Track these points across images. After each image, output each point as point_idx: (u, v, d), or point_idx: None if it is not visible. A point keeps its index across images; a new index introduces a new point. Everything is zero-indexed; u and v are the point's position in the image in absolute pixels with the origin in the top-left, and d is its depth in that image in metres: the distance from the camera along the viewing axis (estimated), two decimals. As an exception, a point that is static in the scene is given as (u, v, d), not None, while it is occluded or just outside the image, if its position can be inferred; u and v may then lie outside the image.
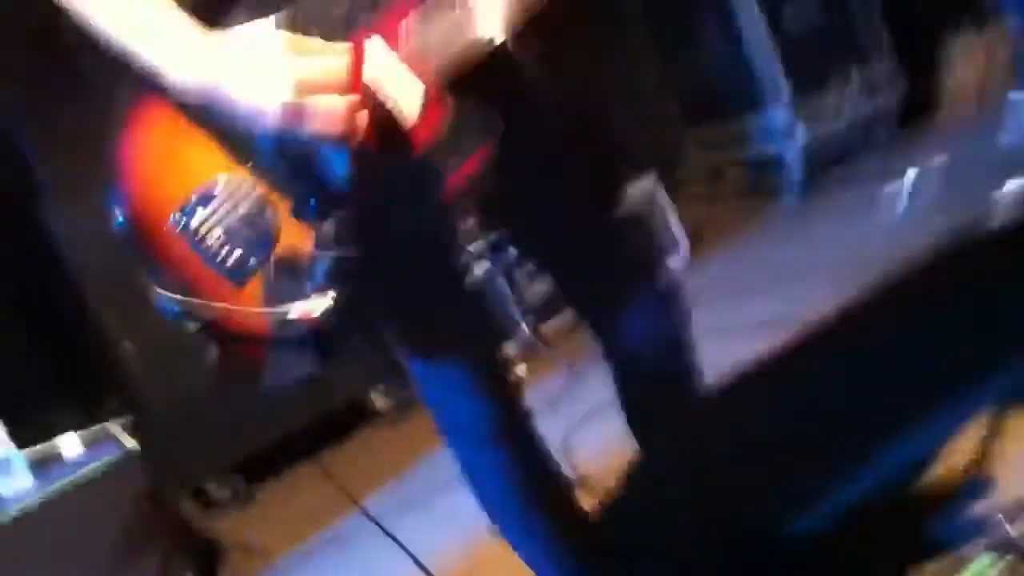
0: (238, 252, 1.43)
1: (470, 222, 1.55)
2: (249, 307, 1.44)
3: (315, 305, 1.42)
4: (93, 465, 2.84)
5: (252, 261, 1.43)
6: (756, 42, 3.99)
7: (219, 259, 1.44)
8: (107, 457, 2.86)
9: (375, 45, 1.33)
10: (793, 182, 4.12)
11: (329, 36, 1.32)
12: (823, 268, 3.18)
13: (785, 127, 4.08)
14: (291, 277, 1.43)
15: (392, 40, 1.33)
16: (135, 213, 1.46)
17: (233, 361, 1.50)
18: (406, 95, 1.33)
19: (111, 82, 1.44)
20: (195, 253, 1.45)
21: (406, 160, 1.35)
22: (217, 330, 1.47)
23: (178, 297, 1.47)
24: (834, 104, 4.09)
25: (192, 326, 1.48)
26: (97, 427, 3.08)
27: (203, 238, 1.44)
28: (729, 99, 4.28)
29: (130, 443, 2.96)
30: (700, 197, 4.54)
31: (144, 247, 1.47)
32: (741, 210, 4.28)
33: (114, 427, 3.10)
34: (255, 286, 1.45)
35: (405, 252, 1.47)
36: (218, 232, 1.43)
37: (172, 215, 1.44)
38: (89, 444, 3.04)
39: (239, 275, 1.44)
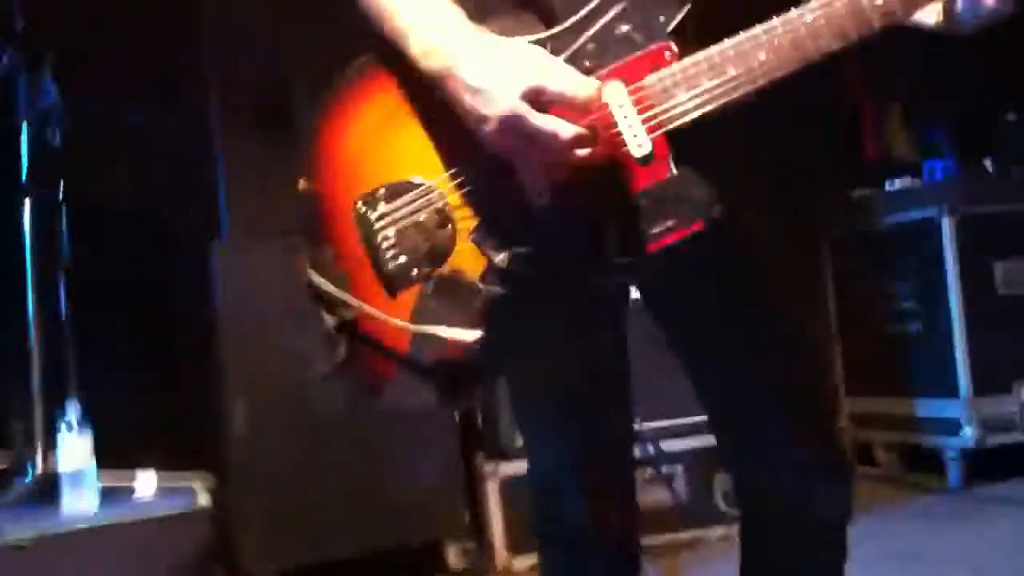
0: (404, 258, 1.38)
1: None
2: (395, 317, 1.37)
3: (461, 335, 1.33)
4: (160, 510, 2.75)
5: (414, 272, 1.37)
6: (949, 316, 3.82)
7: (383, 259, 1.38)
8: (178, 507, 2.78)
9: (617, 86, 1.29)
10: (951, 485, 3.84)
11: (576, 65, 1.30)
12: None
13: (954, 423, 3.83)
14: (446, 301, 1.35)
15: (634, 90, 1.29)
16: (322, 184, 1.43)
17: (359, 367, 1.42)
18: (633, 139, 1.28)
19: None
20: (362, 245, 1.39)
21: (610, 207, 1.28)
22: (354, 331, 1.40)
23: (329, 285, 1.41)
24: (1016, 414, 3.83)
25: (331, 320, 1.41)
26: (179, 474, 3.01)
27: (376, 233, 1.39)
28: (896, 375, 4.09)
29: (205, 501, 2.87)
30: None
31: (317, 222, 1.43)
32: (887, 497, 4.00)
33: (196, 481, 3.02)
34: (408, 297, 1.38)
35: (575, 311, 1.38)
36: (392, 231, 1.38)
37: (356, 199, 1.40)
38: (165, 488, 2.95)
39: (396, 281, 1.38)
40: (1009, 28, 1.33)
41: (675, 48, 1.28)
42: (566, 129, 1.25)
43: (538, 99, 1.25)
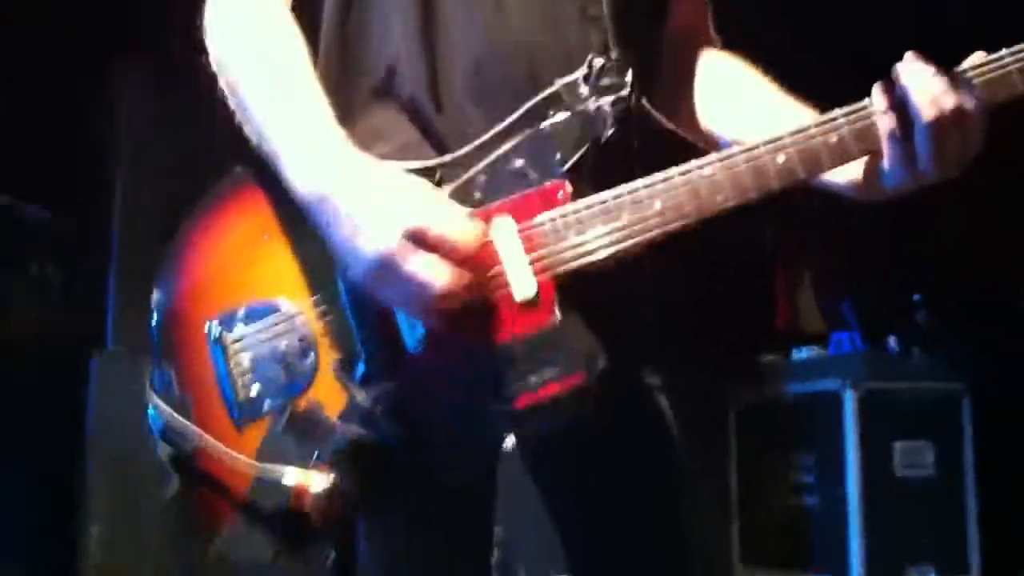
0: (256, 387, 1.25)
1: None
2: (239, 453, 1.24)
3: (312, 481, 1.20)
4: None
5: (266, 404, 1.25)
6: (846, 494, 3.75)
7: (233, 387, 1.26)
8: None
9: (506, 223, 1.21)
10: None
11: (464, 200, 1.21)
12: None
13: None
14: (300, 439, 1.22)
15: (523, 228, 1.21)
16: (177, 298, 1.32)
17: (195, 504, 1.29)
18: (517, 282, 1.19)
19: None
20: (213, 370, 1.27)
21: (486, 351, 1.18)
22: (192, 465, 1.27)
23: (170, 411, 1.28)
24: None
25: (168, 451, 1.27)
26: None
27: (229, 358, 1.27)
28: (793, 549, 3.98)
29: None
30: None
31: (167, 341, 1.32)
32: None
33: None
34: (256, 432, 1.25)
35: (442, 458, 1.25)
36: (247, 357, 1.26)
37: (211, 319, 1.28)
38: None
39: (245, 413, 1.25)
40: (920, 211, 1.30)
41: (569, 188, 1.21)
42: (441, 280, 1.13)
43: (418, 241, 1.13)
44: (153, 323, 1.32)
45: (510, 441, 1.44)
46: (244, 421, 1.25)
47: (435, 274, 1.13)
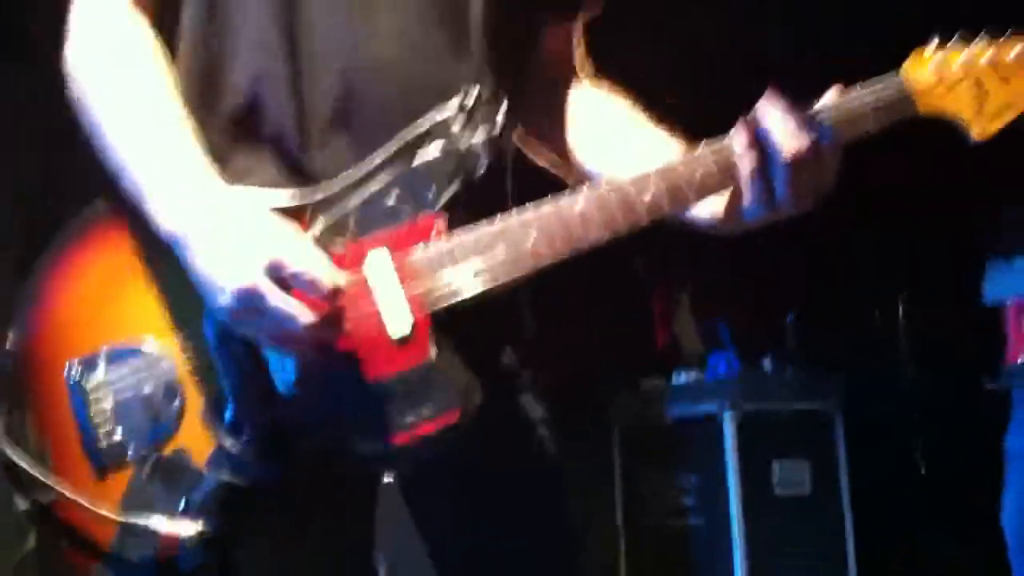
0: (119, 434, 1.20)
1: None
2: (101, 504, 1.18)
3: (179, 528, 1.16)
4: None
5: (130, 451, 1.20)
6: (728, 514, 3.82)
7: (94, 434, 1.20)
8: None
9: (380, 259, 1.19)
10: None
11: (339, 231, 1.19)
12: None
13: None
14: (166, 486, 1.18)
15: (398, 263, 1.19)
16: (34, 340, 1.25)
17: (53, 561, 1.22)
18: (392, 318, 1.17)
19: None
20: (73, 416, 1.21)
21: (359, 389, 1.16)
22: (50, 517, 1.20)
23: (25, 459, 1.21)
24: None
25: (22, 502, 1.20)
26: None
27: (90, 403, 1.21)
28: (677, 570, 4.03)
29: None
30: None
31: (20, 384, 1.24)
32: None
33: None
34: (119, 481, 1.19)
35: (316, 496, 1.21)
36: (109, 403, 1.20)
37: (70, 361, 1.22)
38: None
39: (107, 461, 1.20)
40: (790, 231, 1.33)
41: (443, 222, 1.20)
42: (304, 316, 1.11)
43: (279, 275, 1.11)
44: (7, 366, 1.25)
45: (388, 476, 1.42)
46: (107, 469, 1.19)
47: (297, 309, 1.11)
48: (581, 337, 4.05)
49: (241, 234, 1.13)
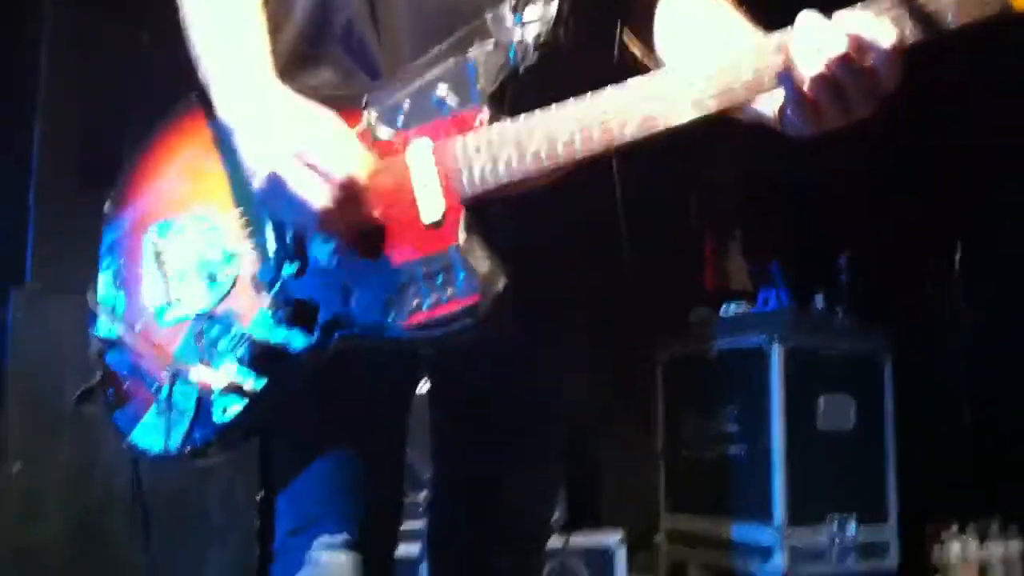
0: (181, 293, 1.35)
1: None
2: (158, 350, 1.34)
3: (217, 377, 1.29)
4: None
5: (189, 309, 1.35)
6: (770, 444, 3.84)
7: (161, 290, 1.36)
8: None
9: (422, 147, 1.27)
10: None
11: (389, 121, 1.28)
12: None
13: (766, 550, 3.82)
14: (213, 341, 1.31)
15: (440, 149, 1.26)
16: (122, 207, 1.43)
17: (113, 392, 1.38)
18: (426, 204, 1.25)
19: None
20: (145, 273, 1.38)
21: (391, 268, 1.25)
22: (117, 357, 1.37)
23: (109, 305, 1.39)
24: (827, 546, 3.85)
25: (98, 346, 1.38)
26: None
27: (161, 262, 1.37)
28: (717, 497, 4.09)
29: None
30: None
31: (118, 242, 1.42)
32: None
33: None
34: (176, 332, 1.35)
35: (349, 371, 1.30)
36: (176, 263, 1.36)
37: (151, 225, 1.39)
38: None
39: (170, 314, 1.35)
40: (851, 173, 1.29)
41: (486, 115, 1.25)
42: (318, 200, 1.22)
43: (304, 162, 1.22)
44: (102, 230, 1.43)
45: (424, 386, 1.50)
46: (168, 322, 1.35)
47: (313, 194, 1.21)
48: (632, 274, 4.07)
49: (276, 124, 1.25)
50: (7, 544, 2.87)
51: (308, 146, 1.22)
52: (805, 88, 1.15)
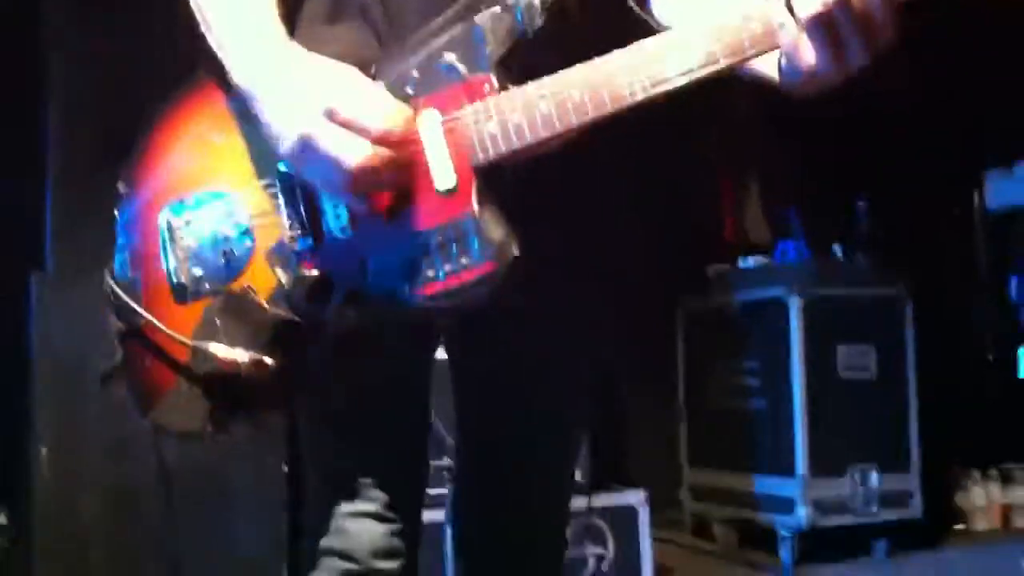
0: (199, 270, 1.34)
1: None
2: (178, 329, 1.33)
3: (237, 355, 1.28)
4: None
5: (206, 286, 1.33)
6: (791, 396, 3.85)
7: (177, 269, 1.35)
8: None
9: (432, 115, 1.25)
10: (783, 564, 3.84)
11: (399, 90, 1.26)
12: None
13: (788, 502, 3.84)
14: (231, 320, 1.31)
15: (447, 120, 1.25)
16: (136, 185, 1.41)
17: (133, 376, 1.38)
18: (439, 172, 1.24)
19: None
20: (160, 253, 1.36)
21: (403, 236, 1.24)
22: (136, 338, 1.36)
23: (118, 290, 1.38)
24: (850, 497, 3.86)
25: (115, 323, 1.38)
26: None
27: (176, 241, 1.35)
28: (738, 450, 4.10)
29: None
30: (683, 543, 4.25)
31: (132, 221, 1.40)
32: (720, 569, 3.98)
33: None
34: (195, 311, 1.34)
35: (366, 342, 1.30)
36: (193, 241, 1.34)
37: (165, 204, 1.37)
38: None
39: (188, 292, 1.34)
40: (867, 118, 1.28)
41: (495, 81, 1.24)
42: (353, 158, 1.20)
43: (332, 121, 1.20)
44: (116, 210, 1.42)
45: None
46: (186, 299, 1.33)
47: (347, 151, 1.19)
48: (650, 227, 4.06)
49: (300, 83, 1.23)
50: (45, 523, 2.92)
51: (339, 102, 1.20)
52: (803, 32, 1.15)
